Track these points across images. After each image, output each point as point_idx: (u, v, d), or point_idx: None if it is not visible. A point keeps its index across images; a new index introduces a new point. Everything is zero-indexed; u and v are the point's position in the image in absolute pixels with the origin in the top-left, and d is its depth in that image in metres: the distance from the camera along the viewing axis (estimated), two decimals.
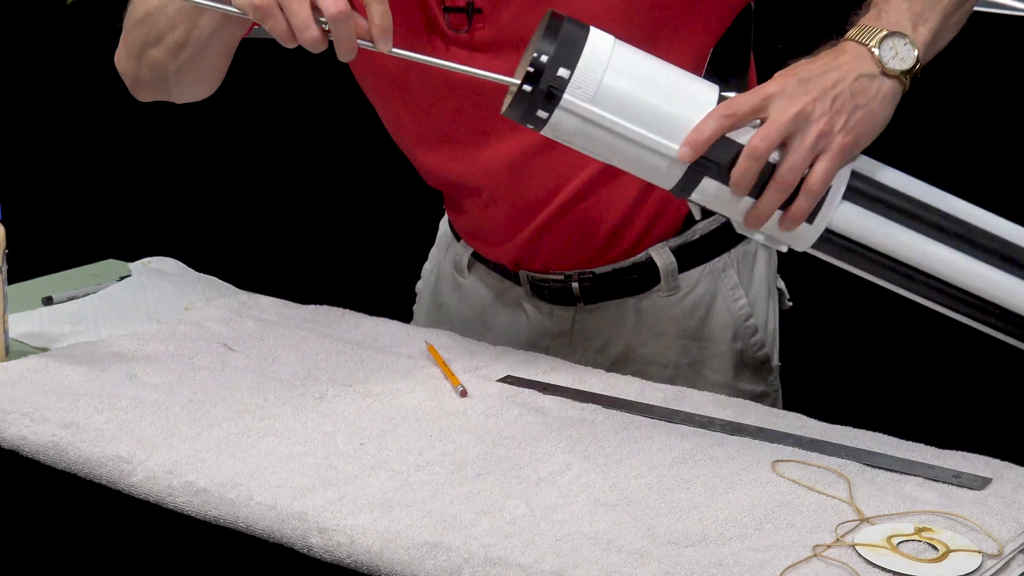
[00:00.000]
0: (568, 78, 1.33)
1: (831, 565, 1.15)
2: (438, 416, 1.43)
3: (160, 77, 1.59)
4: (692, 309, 1.69)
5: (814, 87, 1.33)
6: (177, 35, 1.54)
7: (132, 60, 1.60)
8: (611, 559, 1.16)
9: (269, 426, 1.40)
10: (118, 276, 1.82)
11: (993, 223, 1.39)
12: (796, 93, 1.33)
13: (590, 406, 1.46)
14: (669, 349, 1.70)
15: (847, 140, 1.33)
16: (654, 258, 1.66)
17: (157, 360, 1.55)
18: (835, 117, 1.33)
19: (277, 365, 1.55)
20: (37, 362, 1.54)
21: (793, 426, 1.42)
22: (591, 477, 1.30)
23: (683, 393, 1.50)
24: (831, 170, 1.33)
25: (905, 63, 1.35)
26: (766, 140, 1.32)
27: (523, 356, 1.59)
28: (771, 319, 1.75)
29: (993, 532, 1.20)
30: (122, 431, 1.38)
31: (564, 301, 1.70)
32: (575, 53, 1.33)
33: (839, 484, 1.29)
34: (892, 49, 1.35)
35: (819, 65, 1.35)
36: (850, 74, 1.34)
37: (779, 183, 1.33)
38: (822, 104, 1.33)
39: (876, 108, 1.35)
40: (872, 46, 1.35)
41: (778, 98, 1.33)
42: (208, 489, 1.29)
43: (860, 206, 1.36)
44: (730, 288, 1.70)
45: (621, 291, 1.68)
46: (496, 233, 1.70)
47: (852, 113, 1.34)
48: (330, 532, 1.22)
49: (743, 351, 1.71)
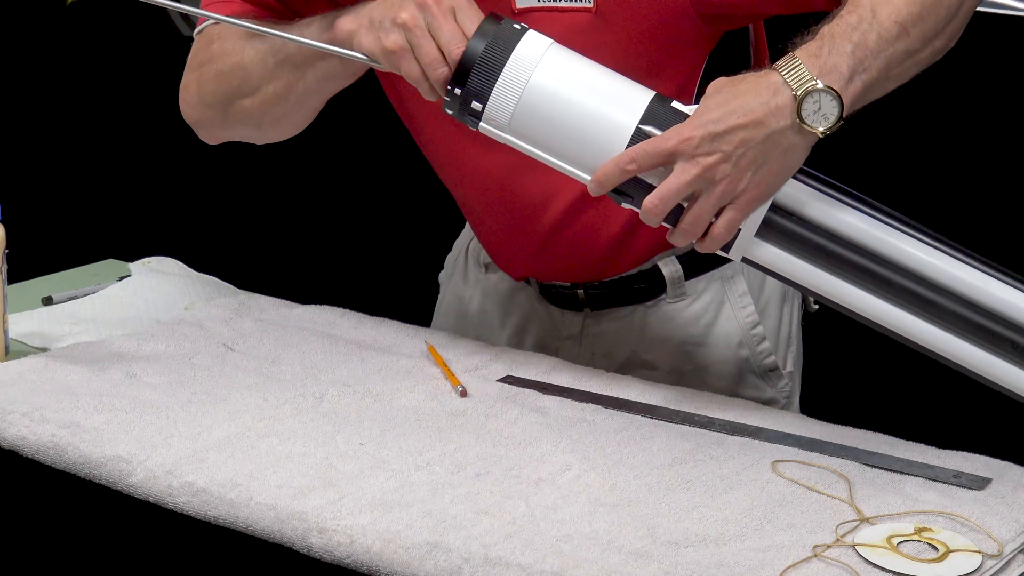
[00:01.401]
0: (481, 111, 1.37)
1: (831, 565, 1.15)
2: (438, 416, 1.43)
3: (251, 125, 1.60)
4: (698, 316, 1.68)
5: (718, 147, 1.32)
6: (278, 87, 1.54)
7: (213, 111, 1.60)
8: (611, 559, 1.16)
9: (269, 426, 1.40)
10: (118, 276, 1.82)
11: (919, 261, 1.38)
12: (699, 153, 1.32)
13: (590, 406, 1.46)
14: (673, 355, 1.69)
15: (754, 194, 1.34)
16: (660, 267, 1.66)
17: (157, 360, 1.55)
18: (739, 175, 1.33)
19: (277, 365, 1.55)
20: (37, 362, 1.54)
21: (793, 426, 1.42)
22: (591, 477, 1.30)
23: (683, 393, 1.50)
24: (737, 220, 1.35)
25: (826, 121, 1.33)
26: (660, 205, 1.34)
27: (523, 356, 1.59)
28: (785, 325, 1.73)
29: (993, 532, 1.20)
30: (122, 431, 1.38)
31: (571, 307, 1.70)
32: (494, 73, 1.36)
33: (839, 484, 1.29)
34: (816, 103, 1.32)
35: (731, 112, 1.33)
36: (758, 134, 1.32)
37: (683, 231, 1.36)
38: (724, 167, 1.33)
39: (786, 161, 1.35)
40: (797, 93, 1.32)
41: (682, 158, 1.33)
42: (208, 489, 1.29)
43: (772, 243, 1.38)
44: (738, 295, 1.69)
45: (628, 299, 1.68)
46: (500, 244, 1.70)
47: (758, 170, 1.34)
48: (330, 532, 1.22)
49: (749, 358, 1.70)
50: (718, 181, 1.33)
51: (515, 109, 1.37)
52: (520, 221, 1.63)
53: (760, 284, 1.71)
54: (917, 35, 1.36)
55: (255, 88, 1.55)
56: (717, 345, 1.69)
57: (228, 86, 1.57)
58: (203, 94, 1.60)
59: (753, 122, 1.33)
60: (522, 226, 1.64)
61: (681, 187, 1.33)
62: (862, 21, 1.35)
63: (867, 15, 1.35)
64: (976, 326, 1.37)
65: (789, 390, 1.74)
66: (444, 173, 1.69)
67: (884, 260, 1.38)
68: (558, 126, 1.37)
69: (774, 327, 1.72)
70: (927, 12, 1.37)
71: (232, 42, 1.56)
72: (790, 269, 1.39)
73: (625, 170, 1.35)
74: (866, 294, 1.38)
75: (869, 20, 1.35)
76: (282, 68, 1.52)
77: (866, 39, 1.34)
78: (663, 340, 1.69)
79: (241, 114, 1.58)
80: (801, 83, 1.32)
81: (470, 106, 1.38)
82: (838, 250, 1.38)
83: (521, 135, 1.39)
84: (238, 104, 1.57)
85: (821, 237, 1.38)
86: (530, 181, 1.59)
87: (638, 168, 1.34)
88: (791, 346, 1.75)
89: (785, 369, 1.73)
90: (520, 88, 1.37)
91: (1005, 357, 1.37)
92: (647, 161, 1.34)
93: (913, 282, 1.37)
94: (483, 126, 1.39)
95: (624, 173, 1.35)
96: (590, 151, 1.37)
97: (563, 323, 1.71)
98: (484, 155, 1.58)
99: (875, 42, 1.34)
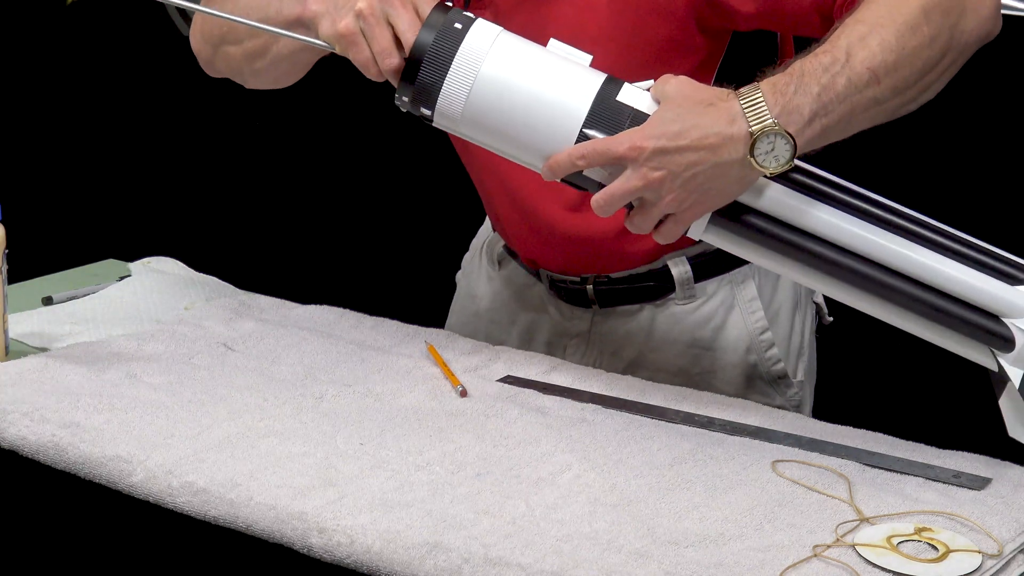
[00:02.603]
0: (432, 113, 1.39)
1: (831, 565, 1.15)
2: (438, 416, 1.43)
3: (235, 71, 1.63)
4: (707, 319, 1.68)
5: (666, 165, 1.33)
6: (256, 44, 1.57)
7: (208, 48, 1.64)
8: (611, 559, 1.16)
9: (269, 426, 1.40)
10: (118, 276, 1.82)
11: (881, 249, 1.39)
12: (647, 166, 1.34)
13: (590, 406, 1.46)
14: (680, 357, 1.69)
15: (696, 211, 1.37)
16: (669, 267, 1.66)
17: (157, 360, 1.55)
18: (683, 195, 1.35)
19: (277, 365, 1.55)
20: (37, 362, 1.53)
21: (793, 426, 1.42)
22: (591, 477, 1.30)
23: (683, 393, 1.50)
24: (678, 231, 1.38)
25: (777, 162, 1.33)
26: (606, 206, 1.37)
27: (523, 356, 1.59)
28: (796, 334, 1.73)
29: (993, 532, 1.20)
30: (122, 431, 1.38)
31: (580, 303, 1.70)
32: (444, 65, 1.37)
33: (839, 484, 1.29)
34: (770, 145, 1.32)
35: (686, 131, 1.33)
36: (707, 160, 1.33)
37: (632, 226, 1.39)
38: (669, 184, 1.34)
39: (728, 189, 1.36)
40: (753, 129, 1.32)
41: (631, 164, 1.34)
42: (208, 489, 1.29)
43: (722, 228, 1.39)
44: (748, 300, 1.68)
45: (636, 297, 1.68)
46: (514, 229, 1.71)
47: (703, 193, 1.35)
48: (330, 532, 1.22)
49: (757, 364, 1.70)
50: (663, 195, 1.35)
51: (466, 101, 1.38)
52: (531, 203, 1.64)
53: (772, 290, 1.70)
54: (888, 84, 1.36)
55: (239, 39, 1.59)
56: (725, 349, 1.68)
57: (220, 30, 1.60)
58: (205, 29, 1.64)
59: (705, 147, 1.33)
60: (533, 208, 1.64)
61: (626, 192, 1.36)
62: (835, 63, 1.34)
63: (841, 57, 1.34)
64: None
65: (799, 399, 1.73)
66: (465, 159, 1.71)
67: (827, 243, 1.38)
68: (508, 118, 1.38)
69: (785, 335, 1.71)
70: (903, 62, 1.36)
71: None
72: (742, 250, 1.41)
73: (575, 164, 1.37)
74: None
75: (842, 63, 1.34)
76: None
77: (835, 83, 1.34)
78: (671, 342, 1.68)
79: (227, 59, 1.62)
80: (760, 120, 1.32)
81: (422, 100, 1.39)
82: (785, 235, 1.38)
83: (473, 127, 1.39)
84: (224, 49, 1.62)
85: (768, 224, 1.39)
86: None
87: (587, 164, 1.37)
88: (803, 355, 1.74)
89: (795, 378, 1.72)
90: (470, 81, 1.37)
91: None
92: (596, 160, 1.36)
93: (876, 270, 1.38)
94: (437, 121, 1.40)
95: (574, 166, 1.37)
96: (541, 142, 1.38)
97: (572, 320, 1.71)
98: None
99: (843, 87, 1.34)
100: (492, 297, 1.79)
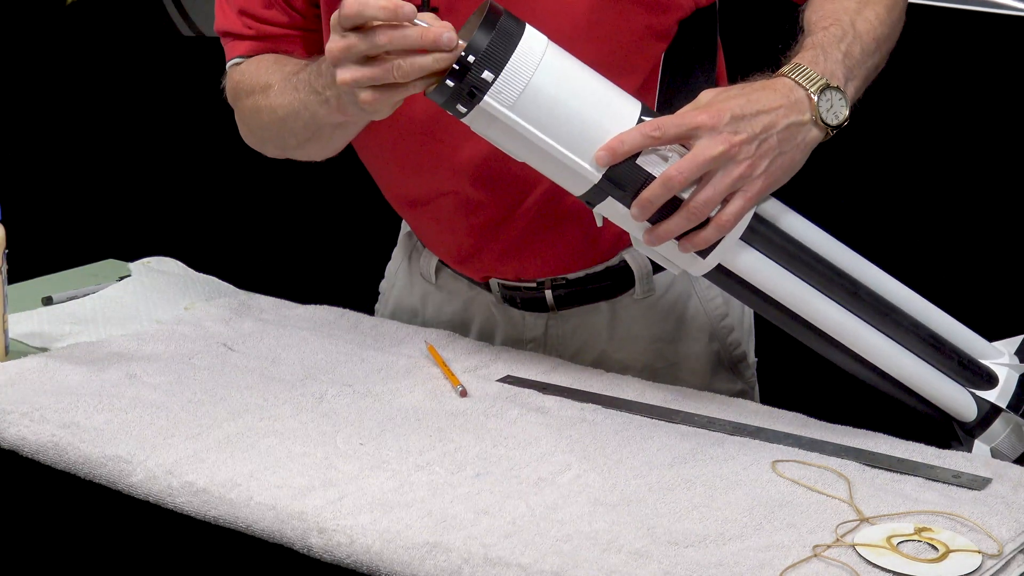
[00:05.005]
0: (492, 82, 1.33)
1: (831, 565, 1.15)
2: (438, 416, 1.43)
3: (284, 152, 1.65)
4: (667, 312, 1.68)
5: (744, 128, 1.34)
6: (309, 140, 1.57)
7: (260, 144, 1.67)
8: (611, 559, 1.16)
9: (269, 426, 1.40)
10: (118, 276, 1.82)
11: (878, 281, 1.44)
12: (725, 131, 1.33)
13: (590, 406, 1.46)
14: (644, 354, 1.68)
15: (764, 184, 1.36)
16: (628, 262, 1.65)
17: (157, 360, 1.55)
18: (758, 161, 1.34)
19: (277, 365, 1.55)
20: (37, 362, 1.54)
21: (793, 426, 1.42)
22: (591, 477, 1.30)
23: (684, 393, 1.50)
24: (743, 209, 1.35)
25: (838, 118, 1.37)
26: (684, 174, 1.33)
27: (523, 356, 1.59)
28: (747, 315, 1.74)
29: (993, 532, 1.20)
30: (122, 431, 1.38)
31: (536, 308, 1.69)
32: (505, 54, 1.33)
33: (839, 484, 1.29)
34: (829, 102, 1.37)
35: (754, 101, 1.35)
36: (781, 121, 1.35)
37: (691, 212, 1.35)
38: (748, 148, 1.34)
39: (796, 156, 1.37)
40: (812, 92, 1.36)
41: (706, 133, 1.33)
42: (208, 489, 1.29)
43: (756, 249, 1.39)
44: (705, 287, 1.68)
45: (594, 296, 1.67)
46: (464, 244, 1.67)
47: (774, 159, 1.35)
48: (330, 532, 1.22)
49: (719, 352, 1.70)
50: (740, 161, 1.34)
51: (521, 94, 1.34)
52: (502, 209, 1.62)
53: None
54: (884, 52, 1.46)
55: (295, 143, 1.60)
56: (688, 340, 1.69)
57: (267, 133, 1.63)
58: (251, 129, 1.66)
59: (776, 108, 1.35)
60: (495, 221, 1.62)
61: (707, 160, 1.33)
62: (846, 34, 1.41)
63: (849, 29, 1.42)
64: (924, 341, 1.44)
65: (754, 380, 1.75)
66: (412, 183, 1.67)
67: (853, 281, 1.42)
68: (566, 107, 1.34)
69: (739, 316, 1.72)
70: (892, 32, 1.48)
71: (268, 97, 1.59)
72: (767, 278, 1.40)
73: (650, 136, 1.33)
74: (844, 313, 1.41)
75: (852, 34, 1.42)
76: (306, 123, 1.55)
77: (851, 50, 1.41)
78: (634, 338, 1.68)
79: (276, 148, 1.65)
80: (813, 82, 1.37)
81: (459, 97, 1.34)
82: (813, 263, 1.41)
83: (526, 116, 1.34)
84: (272, 143, 1.64)
85: (797, 249, 1.41)
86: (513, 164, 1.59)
87: (662, 136, 1.33)
88: (751, 336, 1.76)
89: (750, 359, 1.73)
90: (528, 74, 1.34)
91: (947, 372, 1.44)
92: (671, 132, 1.33)
93: (873, 299, 1.42)
94: (488, 100, 1.34)
95: (648, 139, 1.33)
96: (594, 134, 1.34)
97: (525, 326, 1.70)
98: (463, 147, 1.57)
99: (859, 54, 1.42)
100: (431, 311, 1.78)
